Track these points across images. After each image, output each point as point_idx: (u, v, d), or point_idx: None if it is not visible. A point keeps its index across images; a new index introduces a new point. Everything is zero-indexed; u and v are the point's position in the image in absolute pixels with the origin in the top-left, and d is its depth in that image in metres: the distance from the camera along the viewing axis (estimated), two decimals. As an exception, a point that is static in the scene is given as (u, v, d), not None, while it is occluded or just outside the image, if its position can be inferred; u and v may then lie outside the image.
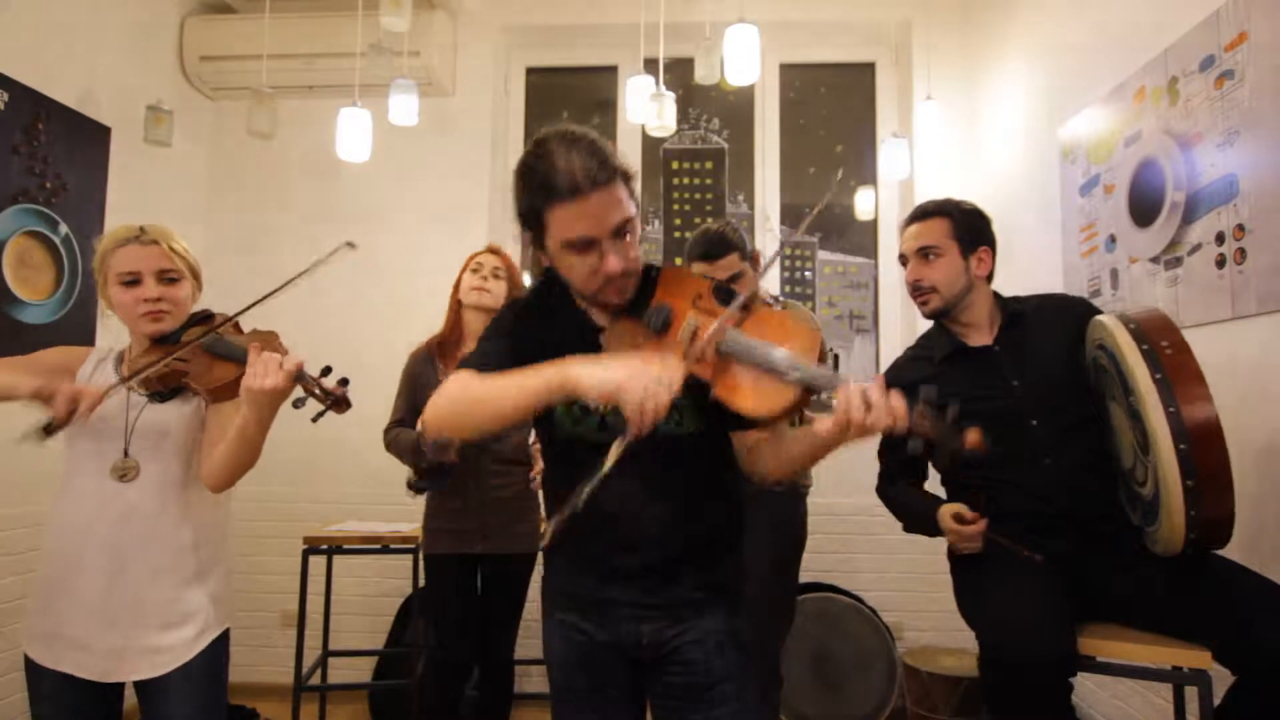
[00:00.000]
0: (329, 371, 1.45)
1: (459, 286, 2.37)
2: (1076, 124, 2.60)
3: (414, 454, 2.23)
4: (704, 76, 2.90)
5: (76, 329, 2.83)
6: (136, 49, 3.18)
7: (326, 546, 2.75)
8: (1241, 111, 1.83)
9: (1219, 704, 1.51)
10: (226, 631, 1.59)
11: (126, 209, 2.98)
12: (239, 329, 1.58)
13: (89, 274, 2.71)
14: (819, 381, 1.09)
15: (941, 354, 1.85)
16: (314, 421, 1.46)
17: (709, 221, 2.18)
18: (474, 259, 2.38)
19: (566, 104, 3.85)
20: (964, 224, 1.85)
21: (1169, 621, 1.57)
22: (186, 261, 1.58)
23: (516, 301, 1.43)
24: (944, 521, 1.71)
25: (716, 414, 1.26)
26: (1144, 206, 2.20)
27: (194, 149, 3.50)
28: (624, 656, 1.29)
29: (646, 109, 2.82)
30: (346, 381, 1.46)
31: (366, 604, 3.34)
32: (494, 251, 2.39)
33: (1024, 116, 3.03)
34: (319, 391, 1.44)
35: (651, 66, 2.89)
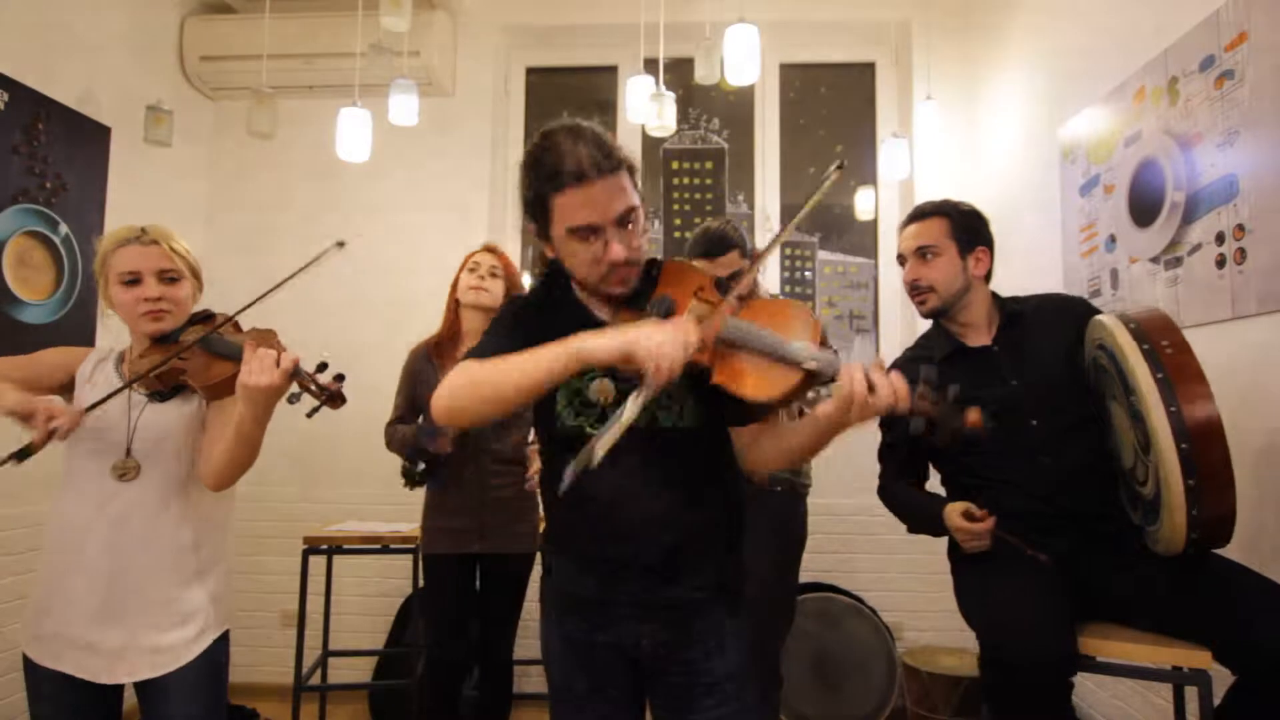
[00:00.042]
0: (325, 367, 1.44)
1: (456, 286, 2.37)
2: (1076, 124, 2.60)
3: (410, 448, 2.24)
4: (704, 76, 2.90)
5: (76, 329, 2.83)
6: (136, 49, 3.18)
7: (326, 546, 2.75)
8: (1241, 111, 1.83)
9: (1219, 704, 1.51)
10: (227, 632, 1.58)
11: (126, 209, 2.98)
12: (238, 328, 1.58)
13: (89, 274, 2.73)
14: (820, 365, 1.10)
15: (941, 354, 1.85)
16: (309, 417, 1.45)
17: (709, 220, 2.18)
18: (471, 258, 2.37)
19: (566, 104, 3.84)
20: (962, 224, 1.86)
21: (1169, 621, 1.57)
22: (187, 262, 1.58)
23: (518, 298, 1.44)
24: (952, 520, 1.69)
25: (716, 409, 1.27)
26: (1144, 206, 2.20)
27: (194, 149, 3.50)
28: (624, 658, 1.29)
29: (646, 109, 2.82)
30: (342, 377, 1.45)
31: (366, 604, 3.34)
32: (491, 250, 2.38)
33: (1024, 116, 3.03)
34: (314, 387, 1.43)
35: (651, 66, 2.89)
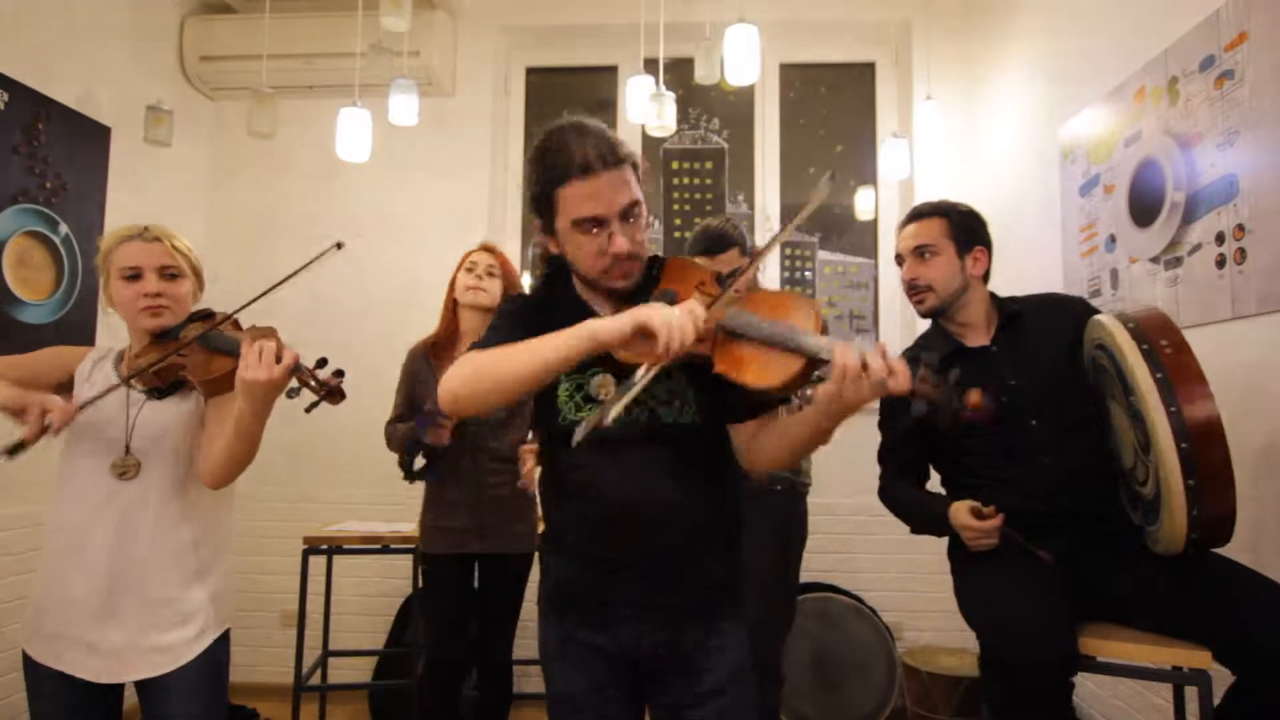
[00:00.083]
0: (324, 363, 1.45)
1: (454, 285, 2.37)
2: (1076, 124, 2.60)
3: (409, 442, 2.24)
4: (704, 76, 2.90)
5: (76, 329, 2.82)
6: (136, 49, 3.18)
7: (326, 546, 2.76)
8: (1241, 111, 1.83)
9: (1219, 704, 1.51)
10: (227, 631, 1.58)
11: (126, 209, 2.98)
12: (238, 326, 1.58)
13: (89, 274, 2.73)
14: (821, 350, 1.10)
15: (940, 354, 1.85)
16: (307, 412, 1.45)
17: (709, 219, 2.18)
18: (468, 257, 2.37)
19: (566, 104, 3.84)
20: (960, 224, 1.86)
21: (1169, 621, 1.57)
22: (188, 260, 1.59)
23: (519, 296, 1.44)
24: (959, 518, 1.68)
25: (716, 406, 1.27)
26: (1144, 206, 2.20)
27: (194, 149, 3.50)
28: (623, 658, 1.28)
29: (646, 109, 2.82)
30: (342, 373, 1.45)
31: (366, 604, 3.34)
32: (488, 249, 2.38)
33: (1024, 116, 3.03)
34: (314, 383, 1.43)
35: (651, 66, 2.88)
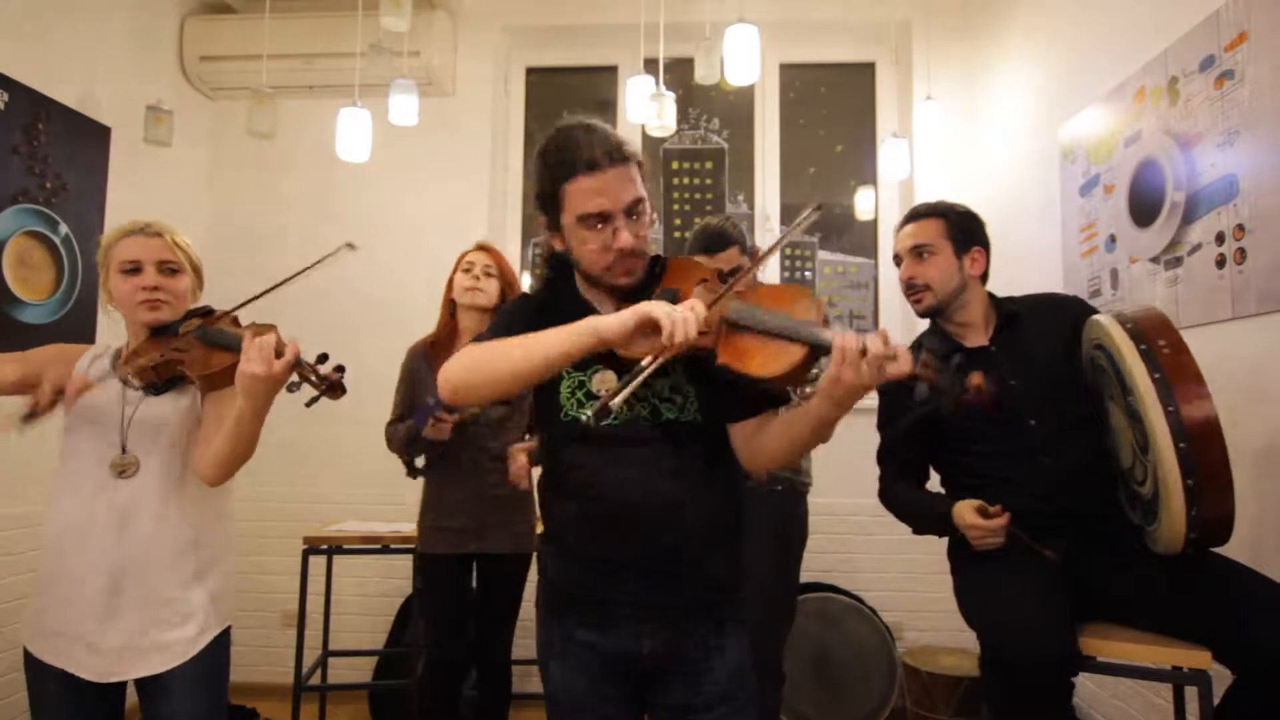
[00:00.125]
0: (325, 358, 1.44)
1: (451, 286, 2.37)
2: (1076, 124, 2.60)
3: (408, 439, 2.24)
4: (704, 76, 2.90)
5: (76, 329, 2.82)
6: (136, 49, 3.18)
7: (326, 546, 2.75)
8: (1241, 111, 1.83)
9: (1218, 703, 1.51)
10: (228, 629, 1.58)
11: (126, 209, 2.98)
12: (237, 323, 1.58)
13: (89, 274, 2.73)
14: (822, 338, 1.11)
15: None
16: (308, 406, 1.44)
17: (708, 218, 2.19)
18: (465, 258, 2.37)
19: (566, 104, 3.84)
20: (958, 225, 1.87)
21: (1169, 621, 1.57)
22: (188, 256, 1.60)
23: (522, 296, 1.46)
24: (965, 518, 1.67)
25: (717, 404, 1.28)
26: (1144, 206, 2.20)
27: (194, 149, 3.50)
28: (623, 658, 1.28)
29: (646, 109, 2.82)
30: (342, 368, 1.45)
31: (366, 604, 3.34)
32: (484, 249, 2.38)
33: (1024, 116, 3.03)
34: (314, 377, 1.42)
35: (651, 66, 2.89)
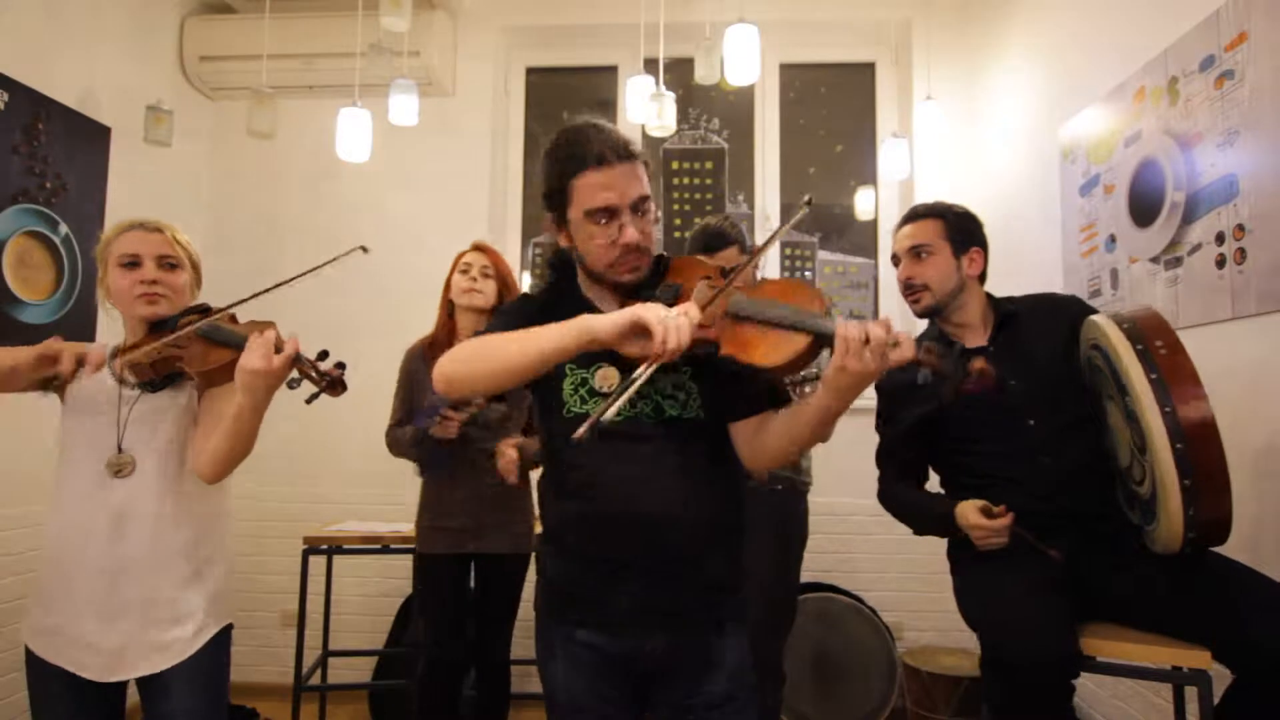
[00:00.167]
0: (325, 355, 1.44)
1: (449, 287, 2.37)
2: (1076, 124, 2.60)
3: (418, 445, 2.24)
4: (704, 76, 2.90)
5: (76, 329, 2.82)
6: (136, 49, 3.18)
7: (326, 546, 2.76)
8: (1241, 111, 1.83)
9: (1218, 703, 1.51)
10: (228, 627, 1.58)
11: (126, 209, 2.97)
12: (235, 321, 1.58)
13: (89, 274, 2.73)
14: (825, 326, 1.12)
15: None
16: (308, 403, 1.44)
17: (708, 218, 2.19)
18: (462, 259, 2.36)
19: (566, 104, 3.84)
20: (956, 225, 1.87)
21: (1169, 620, 1.57)
22: (188, 252, 1.60)
23: (524, 295, 1.46)
24: (969, 518, 1.67)
25: (720, 401, 1.29)
26: (1144, 206, 2.20)
27: (194, 149, 3.50)
28: (623, 660, 1.28)
29: (646, 109, 2.82)
30: (343, 365, 1.44)
31: (366, 604, 3.34)
32: (481, 249, 2.37)
33: (1024, 116, 3.03)
34: (315, 374, 1.42)
35: (651, 66, 2.88)
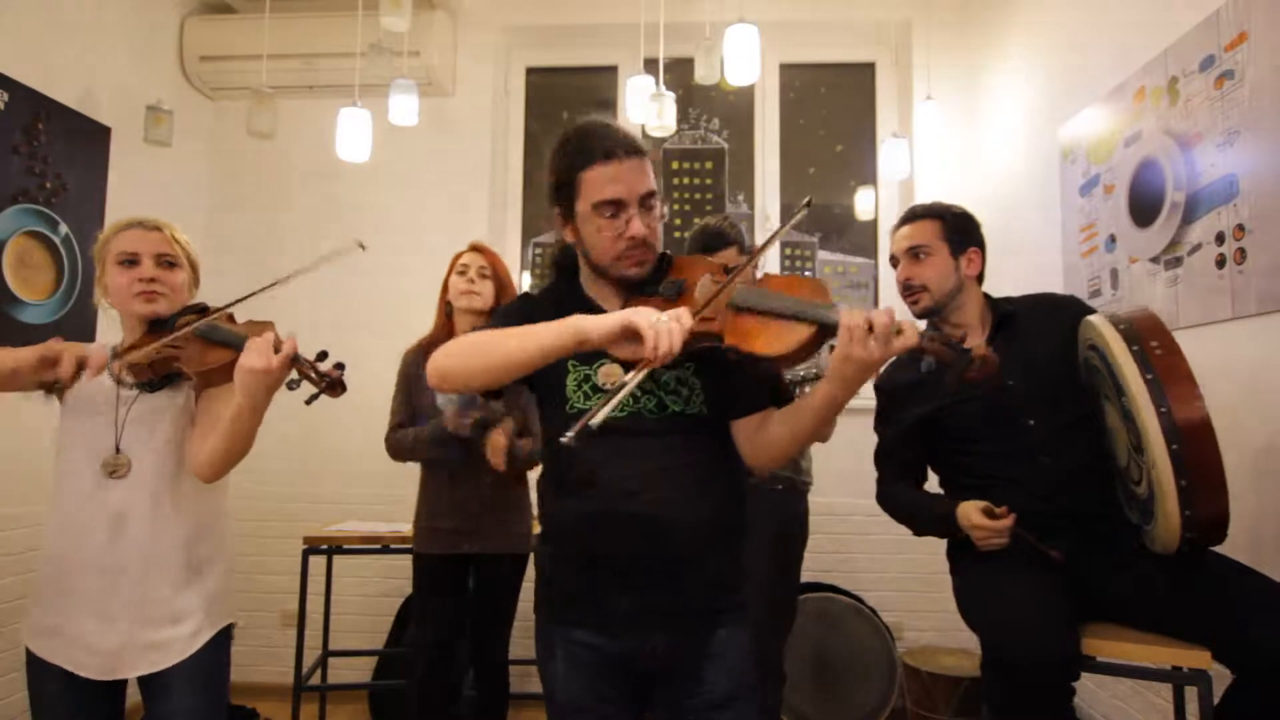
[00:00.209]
0: (325, 355, 1.43)
1: (446, 288, 2.37)
2: (1076, 124, 2.60)
3: (435, 443, 2.22)
4: (704, 76, 2.90)
5: (76, 329, 2.82)
6: (136, 49, 3.18)
7: (326, 546, 2.75)
8: (1241, 111, 1.83)
9: (1218, 703, 1.51)
10: (229, 628, 1.58)
11: (126, 209, 2.94)
12: (233, 320, 1.58)
13: (89, 274, 2.72)
14: (829, 316, 1.13)
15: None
16: (307, 404, 1.44)
17: (707, 218, 2.20)
18: (459, 260, 2.36)
19: (566, 104, 3.84)
20: (954, 226, 1.87)
21: (1168, 620, 1.57)
22: (186, 251, 1.60)
23: (525, 295, 1.47)
24: (972, 518, 1.67)
25: (722, 397, 1.29)
26: (1144, 206, 2.20)
27: (194, 149, 3.50)
28: (623, 661, 1.28)
29: (646, 109, 2.82)
30: (342, 366, 1.44)
31: (366, 604, 3.34)
32: (478, 250, 2.37)
33: (1024, 116, 3.03)
34: (314, 374, 1.42)
35: (651, 66, 2.89)
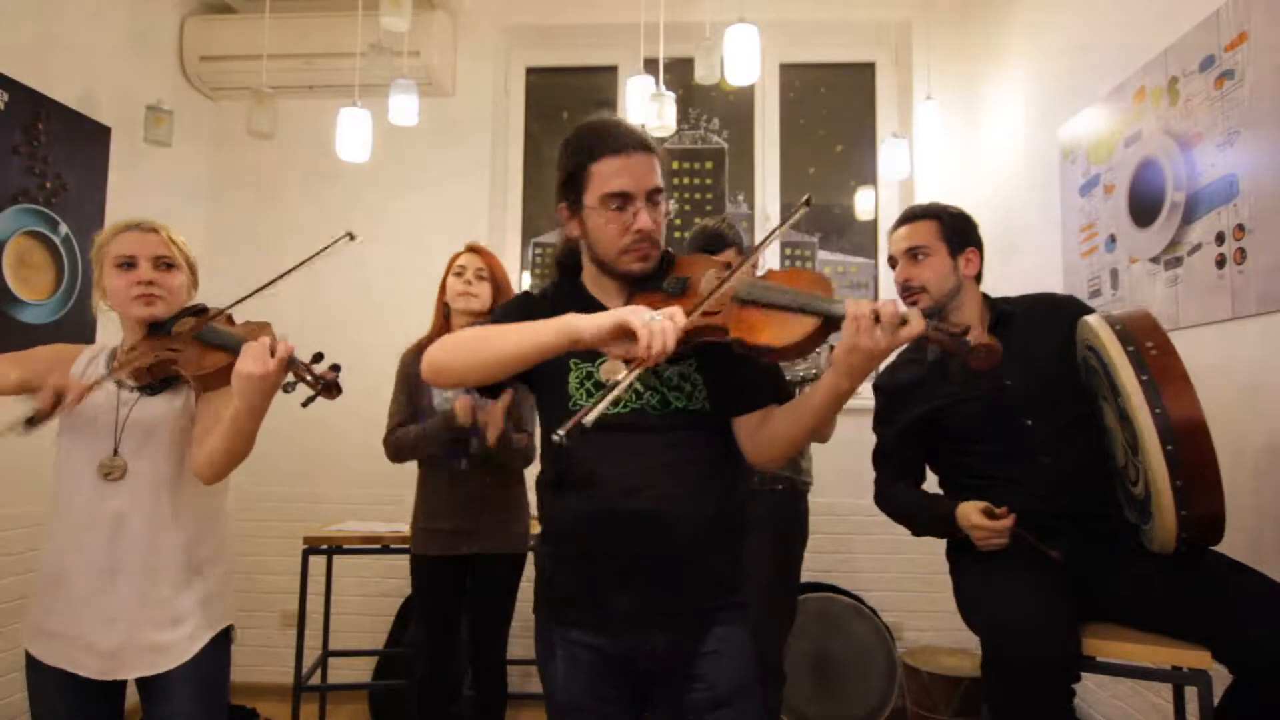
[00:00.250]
0: (320, 358, 1.43)
1: (444, 289, 2.37)
2: (1076, 124, 2.60)
3: (433, 440, 2.22)
4: (704, 76, 2.90)
5: (76, 329, 2.83)
6: (136, 49, 3.18)
7: (326, 546, 2.76)
8: (1241, 111, 1.83)
9: (1218, 703, 1.51)
10: (229, 630, 1.58)
11: (126, 209, 2.98)
12: (231, 321, 1.58)
13: (89, 274, 2.72)
14: (834, 308, 1.14)
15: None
16: (304, 406, 1.44)
17: (706, 220, 2.20)
18: (456, 261, 2.36)
19: (566, 104, 3.84)
20: (952, 226, 1.87)
21: (1168, 620, 1.57)
22: (184, 253, 1.60)
23: (526, 294, 1.47)
24: (972, 518, 1.67)
25: (724, 394, 1.29)
26: (1144, 206, 2.20)
27: (194, 149, 3.50)
28: (623, 661, 1.28)
29: (646, 109, 2.82)
30: (338, 368, 1.44)
31: (366, 604, 3.34)
32: (475, 251, 2.37)
33: (1024, 116, 3.03)
34: (310, 377, 1.41)
35: (651, 66, 2.88)
